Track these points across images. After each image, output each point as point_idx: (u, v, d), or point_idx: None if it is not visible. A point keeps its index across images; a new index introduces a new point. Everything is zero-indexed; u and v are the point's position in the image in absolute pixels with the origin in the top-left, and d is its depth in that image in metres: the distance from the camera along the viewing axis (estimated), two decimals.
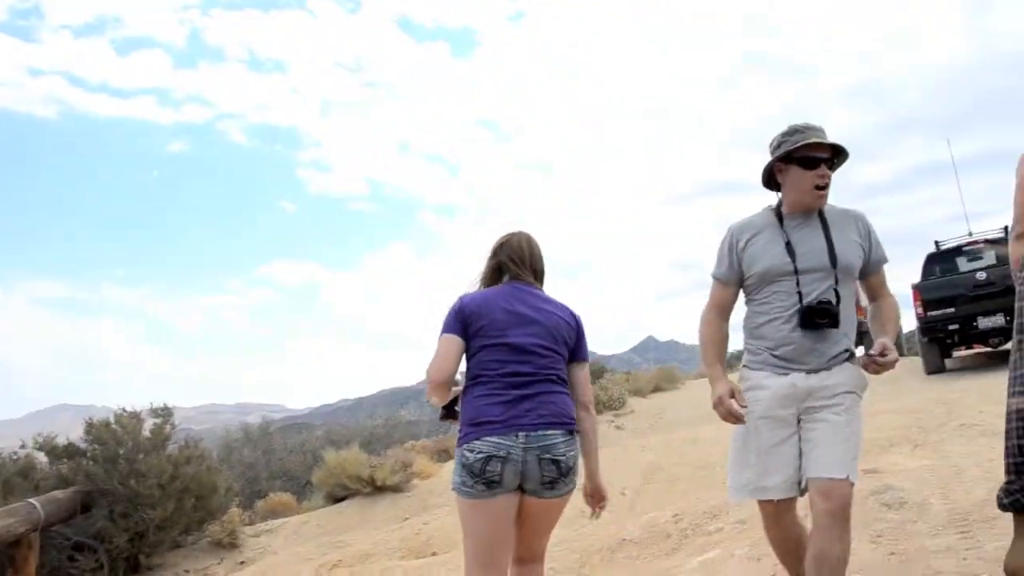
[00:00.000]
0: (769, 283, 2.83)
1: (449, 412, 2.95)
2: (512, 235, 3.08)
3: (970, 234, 13.96)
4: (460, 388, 2.90)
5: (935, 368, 12.99)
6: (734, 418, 2.71)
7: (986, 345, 13.32)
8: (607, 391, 14.56)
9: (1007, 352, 9.86)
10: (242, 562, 9.19)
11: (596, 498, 3.00)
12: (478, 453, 2.67)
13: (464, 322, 2.86)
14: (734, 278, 2.93)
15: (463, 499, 2.74)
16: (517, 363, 2.79)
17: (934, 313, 12.14)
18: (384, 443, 16.73)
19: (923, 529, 3.74)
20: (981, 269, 12.23)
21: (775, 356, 2.79)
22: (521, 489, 2.72)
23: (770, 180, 2.97)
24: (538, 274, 3.04)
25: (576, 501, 3.01)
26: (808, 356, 2.75)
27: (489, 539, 2.73)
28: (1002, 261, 13.43)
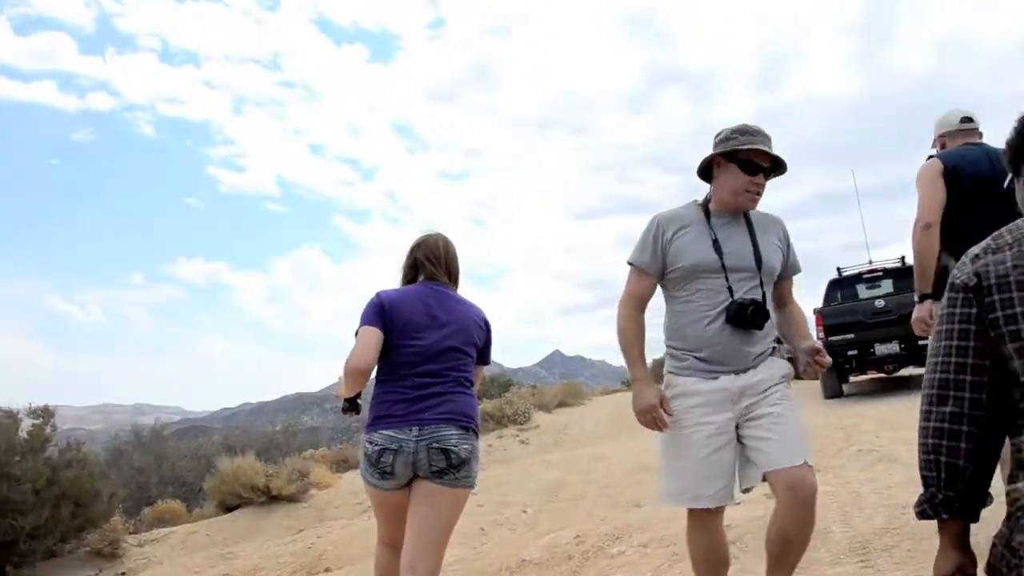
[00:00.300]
0: (694, 279, 2.75)
1: (352, 405, 3.08)
2: (429, 236, 3.18)
3: (870, 262, 14.35)
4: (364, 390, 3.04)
5: (833, 393, 13.29)
6: (657, 427, 2.65)
7: (881, 371, 13.71)
8: (513, 405, 14.44)
9: (901, 378, 10.28)
10: (123, 573, 8.73)
11: None
12: (375, 445, 2.83)
13: (383, 316, 2.94)
14: (656, 268, 2.80)
15: (366, 486, 2.96)
16: (427, 363, 2.91)
17: (835, 338, 12.41)
18: (283, 451, 16.23)
19: (824, 557, 3.70)
20: (880, 297, 12.58)
21: (700, 359, 2.71)
22: (407, 478, 2.86)
23: (706, 171, 2.90)
24: (452, 275, 3.14)
25: (476, 519, 2.90)
26: (735, 357, 2.68)
27: (388, 522, 3.00)
28: (899, 290, 13.86)
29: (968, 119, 3.99)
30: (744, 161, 2.75)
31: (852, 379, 14.79)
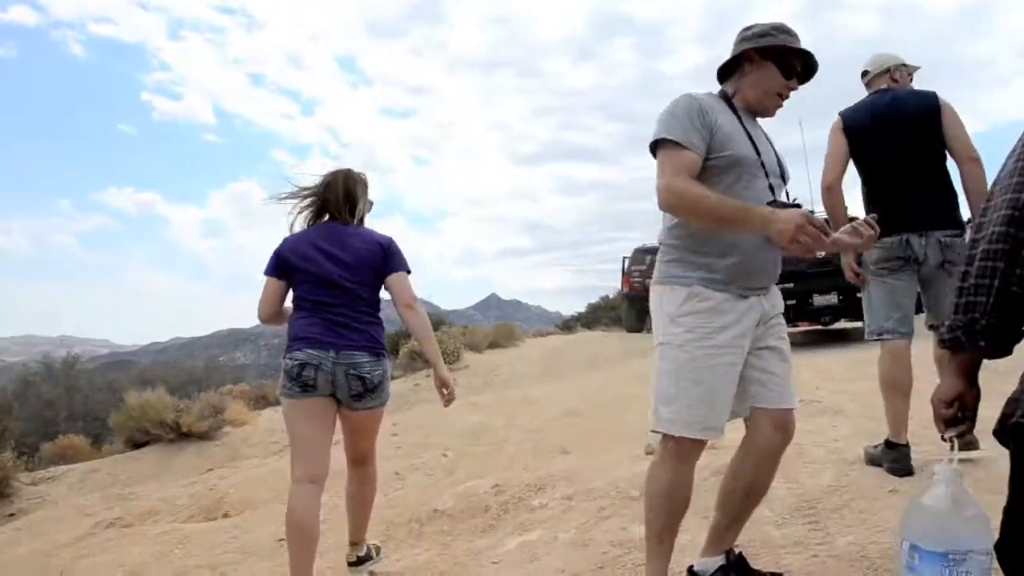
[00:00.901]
0: (739, 174, 2.35)
1: None
2: (333, 173, 3.39)
3: (812, 212, 14.11)
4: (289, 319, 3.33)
5: None
6: (821, 243, 2.19)
7: (817, 323, 13.57)
8: (442, 344, 13.97)
9: (836, 331, 10.15)
10: (11, 514, 8.08)
11: (442, 388, 3.43)
12: (296, 361, 3.10)
13: (280, 265, 3.30)
14: (702, 148, 2.31)
15: (284, 400, 3.18)
16: (325, 294, 3.18)
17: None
18: (202, 386, 15.61)
19: (768, 517, 3.31)
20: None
21: (735, 272, 2.35)
22: (337, 400, 3.16)
23: (728, 68, 2.55)
24: (353, 211, 3.36)
25: (393, 462, 2.46)
26: (766, 274, 2.44)
27: (307, 435, 3.14)
28: None
29: (866, 71, 4.17)
30: (783, 61, 2.45)
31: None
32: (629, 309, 18.41)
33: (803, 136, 16.32)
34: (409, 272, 3.35)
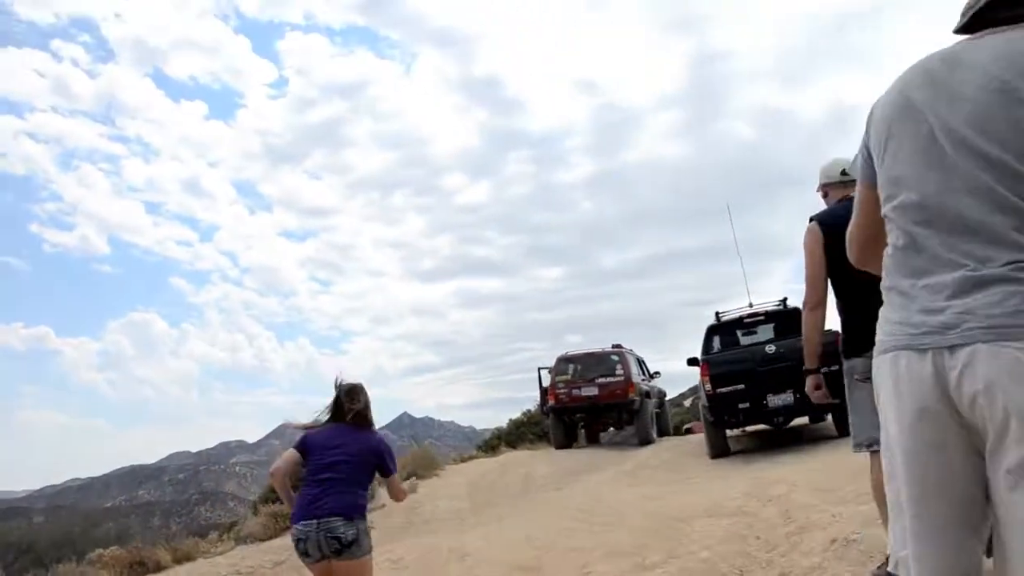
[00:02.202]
0: None
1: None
2: (351, 385, 4.44)
3: (750, 305, 13.08)
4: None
5: (720, 451, 11.77)
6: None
7: (770, 424, 12.36)
8: None
9: (789, 431, 8.95)
10: None
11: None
12: (294, 537, 4.02)
13: (302, 448, 4.23)
14: None
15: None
16: (323, 472, 4.05)
17: (724, 390, 10.93)
18: (77, 546, 13.28)
19: None
20: (769, 342, 11.19)
21: None
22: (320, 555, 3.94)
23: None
24: (361, 414, 4.36)
25: None
26: None
27: None
28: (781, 334, 12.59)
29: (845, 172, 3.96)
30: None
31: (729, 434, 13.36)
32: (556, 424, 16.91)
33: (732, 226, 15.57)
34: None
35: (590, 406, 16.18)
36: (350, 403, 4.29)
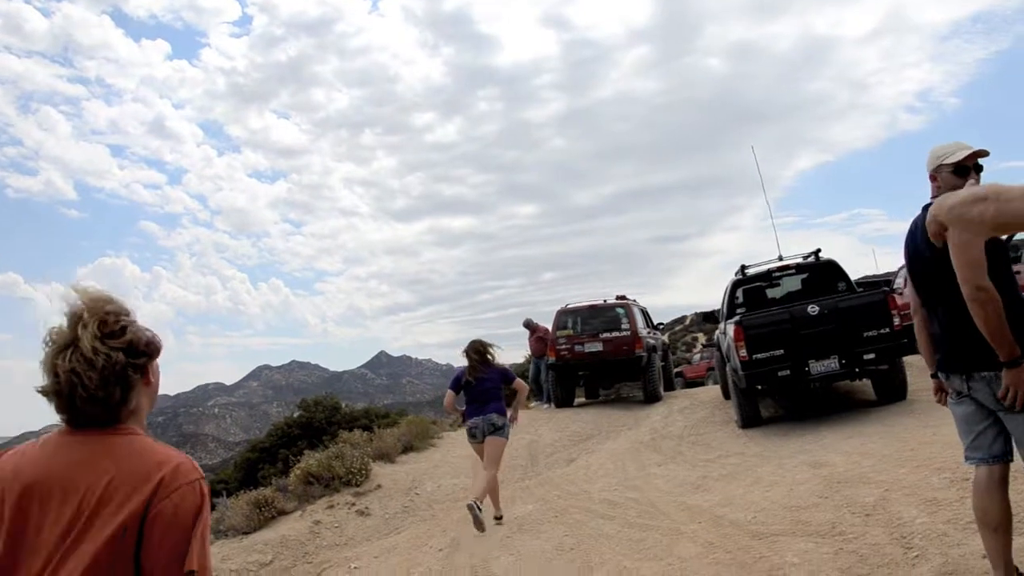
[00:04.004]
0: None
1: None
2: (471, 343, 7.88)
3: (780, 258, 11.84)
4: (463, 408, 7.88)
5: (752, 420, 10.63)
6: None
7: (805, 390, 11.24)
8: (343, 460, 10.91)
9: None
10: None
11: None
12: (468, 428, 7.78)
13: (456, 384, 7.83)
14: None
15: (468, 441, 7.96)
16: (479, 396, 7.72)
17: (761, 355, 9.72)
18: None
19: None
20: (810, 301, 9.97)
21: None
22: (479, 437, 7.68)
23: None
24: (483, 359, 7.80)
25: None
26: None
27: (478, 455, 7.89)
28: (812, 290, 11.43)
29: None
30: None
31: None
32: (557, 382, 15.78)
33: (755, 156, 14.27)
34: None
35: (595, 362, 15.02)
36: (474, 355, 7.82)
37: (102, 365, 1.60)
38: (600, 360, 14.92)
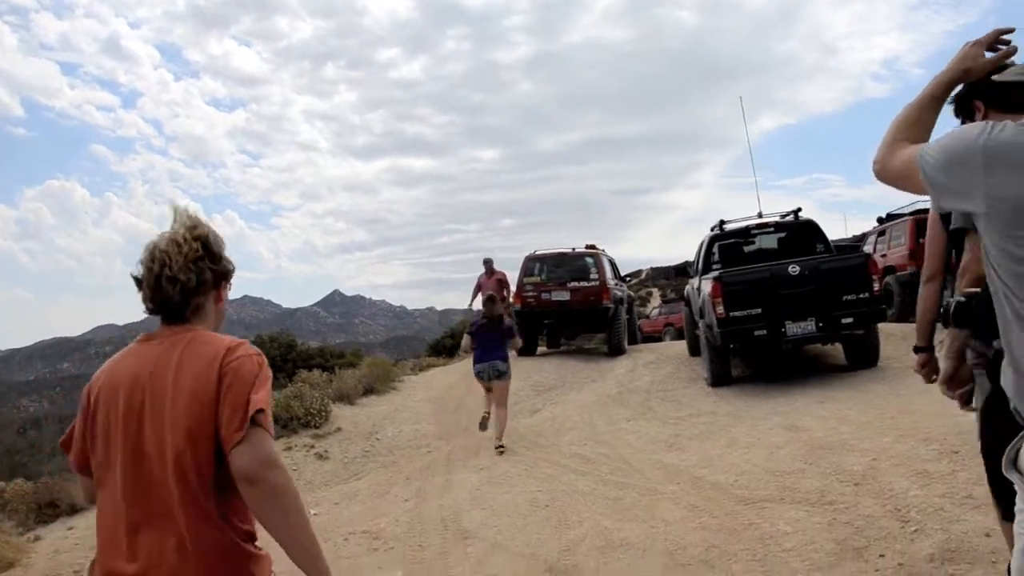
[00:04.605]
0: None
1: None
2: (488, 295, 9.54)
3: (760, 215, 11.63)
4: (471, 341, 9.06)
5: (723, 379, 10.49)
6: None
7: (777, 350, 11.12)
8: (302, 400, 10.58)
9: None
10: None
11: None
12: (476, 370, 8.97)
13: (472, 332, 9.06)
14: None
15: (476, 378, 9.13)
16: (487, 342, 8.92)
17: (738, 313, 9.54)
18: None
19: None
20: (790, 261, 9.77)
21: None
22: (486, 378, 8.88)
23: None
24: (495, 312, 9.14)
25: None
26: None
27: (486, 393, 9.05)
28: (787, 249, 11.25)
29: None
30: None
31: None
32: (521, 328, 15.45)
33: (743, 110, 13.98)
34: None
35: (561, 311, 14.74)
36: (490, 307, 9.13)
37: (187, 251, 1.96)
38: (566, 309, 14.66)
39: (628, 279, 18.07)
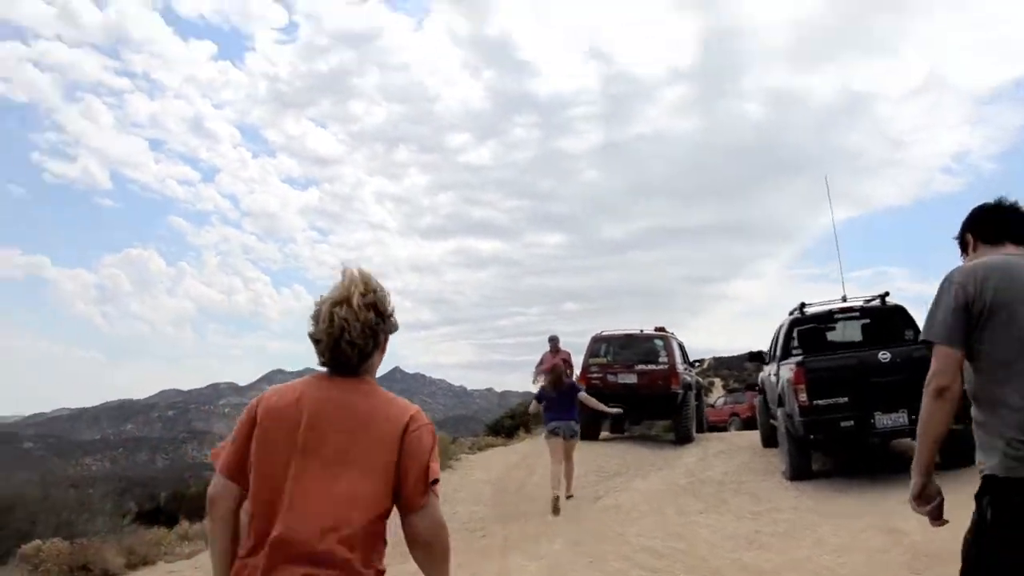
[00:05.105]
0: None
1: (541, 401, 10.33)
2: (554, 374, 10.46)
3: (844, 299, 10.99)
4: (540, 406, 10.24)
5: (803, 473, 9.74)
6: None
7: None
8: None
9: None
10: None
11: None
12: (550, 428, 9.88)
13: (539, 397, 10.38)
14: None
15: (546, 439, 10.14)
16: (560, 405, 10.01)
17: (822, 402, 8.88)
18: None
19: None
20: (880, 348, 9.10)
21: None
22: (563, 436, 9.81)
23: None
24: (560, 380, 10.41)
25: None
26: None
27: (555, 453, 9.82)
28: (875, 338, 10.51)
29: None
30: None
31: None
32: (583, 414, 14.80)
33: (828, 191, 13.41)
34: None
35: (628, 395, 14.09)
36: (555, 379, 10.12)
37: (364, 319, 2.14)
38: (633, 393, 14.03)
39: (698, 364, 17.39)
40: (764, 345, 12.58)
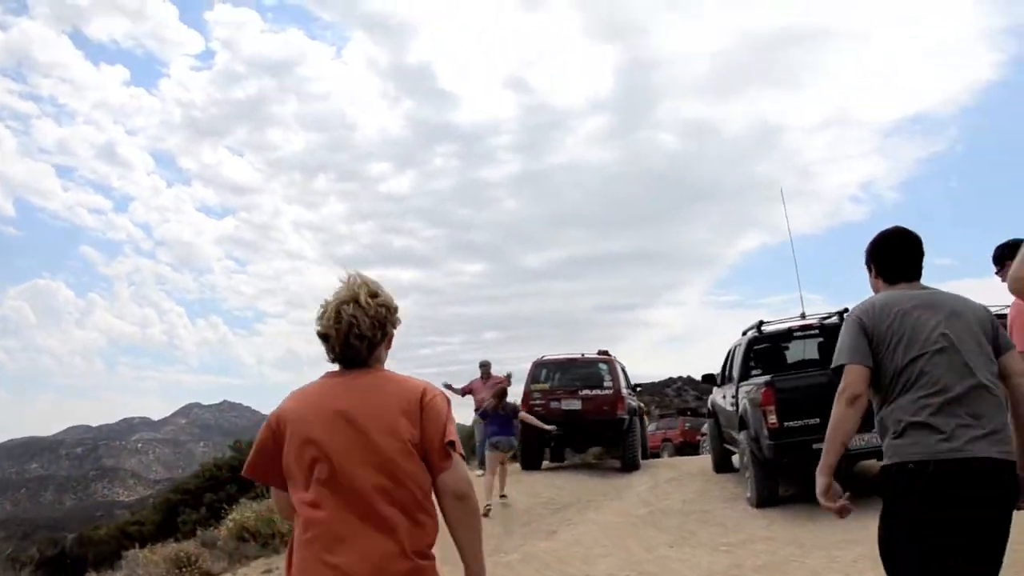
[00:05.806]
0: None
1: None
2: (502, 389, 11.59)
3: (803, 316, 10.59)
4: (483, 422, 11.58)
5: (769, 499, 9.22)
6: None
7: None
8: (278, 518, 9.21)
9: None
10: None
11: None
12: (492, 441, 10.75)
13: (483, 416, 11.51)
14: None
15: (487, 451, 10.90)
16: (499, 421, 10.90)
17: (793, 424, 8.37)
18: None
19: None
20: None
21: None
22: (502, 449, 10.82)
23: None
24: (504, 401, 11.43)
25: None
26: None
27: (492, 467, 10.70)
28: (825, 354, 10.11)
29: None
30: None
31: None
32: (527, 441, 14.00)
33: (787, 221, 13.08)
34: None
35: (572, 422, 13.41)
36: (502, 399, 10.98)
37: (372, 314, 2.38)
38: (578, 420, 13.37)
39: (639, 388, 16.91)
40: (689, 370, 12.36)
